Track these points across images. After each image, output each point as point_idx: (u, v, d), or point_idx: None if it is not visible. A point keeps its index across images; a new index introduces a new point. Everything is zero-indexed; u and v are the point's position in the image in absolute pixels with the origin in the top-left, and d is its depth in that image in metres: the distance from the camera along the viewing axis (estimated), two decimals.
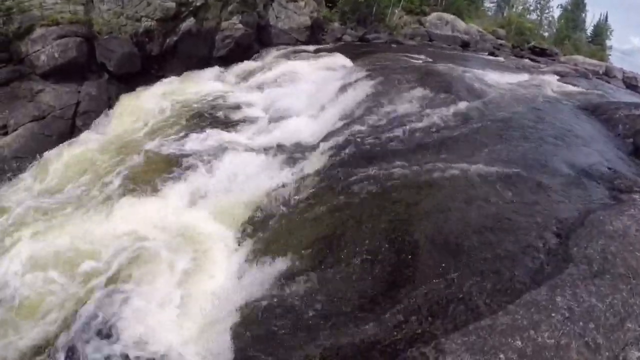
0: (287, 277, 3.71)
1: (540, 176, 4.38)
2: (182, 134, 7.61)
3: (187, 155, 6.71)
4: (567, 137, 5.73)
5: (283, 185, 5.46)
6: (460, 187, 4.27)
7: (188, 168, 6.31)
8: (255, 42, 13.61)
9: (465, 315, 2.72)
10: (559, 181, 4.33)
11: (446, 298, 2.90)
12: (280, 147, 6.76)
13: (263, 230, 4.74)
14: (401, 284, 3.21)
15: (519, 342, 2.44)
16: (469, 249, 3.33)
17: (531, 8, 40.56)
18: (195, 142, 7.21)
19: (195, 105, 9.02)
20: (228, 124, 8.09)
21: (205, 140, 7.28)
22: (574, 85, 12.66)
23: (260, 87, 10.17)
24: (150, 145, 7.25)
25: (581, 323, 2.55)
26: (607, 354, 2.43)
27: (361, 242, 3.78)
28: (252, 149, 6.83)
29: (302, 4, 15.12)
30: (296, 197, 5.10)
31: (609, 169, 4.71)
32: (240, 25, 12.63)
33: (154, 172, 6.36)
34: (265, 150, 6.72)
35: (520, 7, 40.15)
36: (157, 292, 4.07)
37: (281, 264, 3.90)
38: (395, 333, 2.78)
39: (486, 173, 4.43)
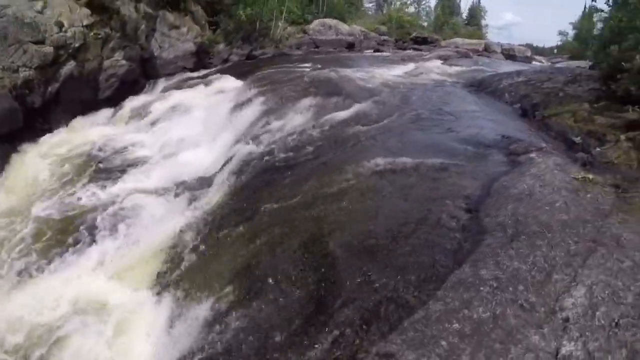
0: (216, 319, 3.83)
1: (441, 158, 4.94)
2: (74, 191, 7.56)
3: (83, 215, 6.68)
4: (459, 115, 6.58)
5: (190, 224, 5.66)
6: (366, 187, 4.67)
7: (86, 229, 6.29)
8: (141, 76, 13.98)
9: (397, 313, 2.95)
10: (459, 159, 4.93)
11: (375, 301, 3.11)
12: (180, 184, 7.01)
13: (180, 276, 4.86)
14: (328, 299, 3.39)
15: (456, 325, 2.70)
16: (386, 247, 3.62)
17: (408, 2, 47.74)
18: (89, 198, 7.24)
19: (86, 157, 9.03)
20: (122, 170, 8.16)
21: (101, 193, 7.36)
22: (458, 65, 14.53)
23: (152, 124, 10.49)
24: (40, 210, 7.06)
25: (510, 288, 2.94)
26: (542, 309, 2.82)
27: (279, 266, 3.99)
28: (151, 192, 7.02)
29: (184, 30, 15.92)
30: (205, 233, 5.31)
31: (503, 136, 5.52)
32: (123, 62, 12.84)
33: (49, 241, 6.24)
34: (165, 190, 6.96)
35: (398, 3, 47.00)
36: None
37: (206, 308, 4.04)
38: (334, 351, 2.92)
39: (389, 168, 4.90)
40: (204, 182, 6.77)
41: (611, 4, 8.45)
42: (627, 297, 2.84)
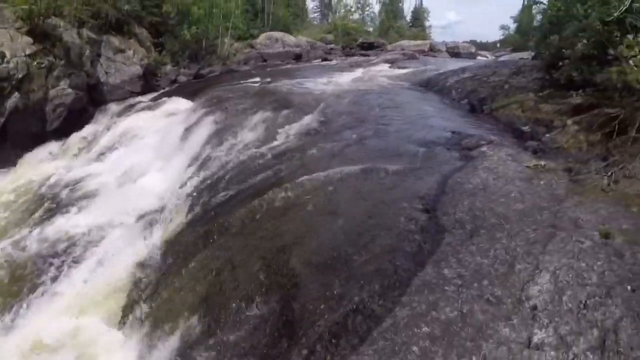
0: (185, 353, 3.80)
1: (394, 162, 5.02)
2: (23, 235, 7.13)
3: (36, 258, 6.36)
4: (409, 116, 6.73)
5: (150, 254, 5.61)
6: (321, 198, 4.69)
7: (42, 272, 6.05)
8: (89, 104, 13.66)
9: (365, 324, 2.95)
10: (413, 160, 5.03)
11: (342, 314, 3.10)
12: (137, 214, 6.92)
13: (145, 310, 4.80)
14: (295, 317, 3.36)
15: (425, 328, 2.73)
16: (347, 258, 3.62)
17: (353, 9, 49.26)
18: (42, 241, 6.83)
19: (37, 194, 8.73)
20: (75, 205, 7.87)
21: (54, 233, 6.98)
22: (405, 68, 14.90)
23: (103, 153, 10.26)
24: None
25: (475, 284, 2.99)
26: (509, 300, 2.88)
27: (242, 289, 3.95)
28: (108, 225, 6.85)
29: (130, 53, 15.79)
30: (167, 263, 5.28)
31: (454, 133, 5.68)
32: (69, 90, 12.48)
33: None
34: (122, 221, 6.83)
35: (343, 11, 48.74)
36: None
37: (175, 341, 4.00)
38: None
39: (343, 177, 4.94)
40: (161, 209, 6.72)
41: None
42: (591, 277, 2.94)
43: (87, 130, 12.29)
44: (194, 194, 6.40)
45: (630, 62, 4.13)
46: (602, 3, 5.07)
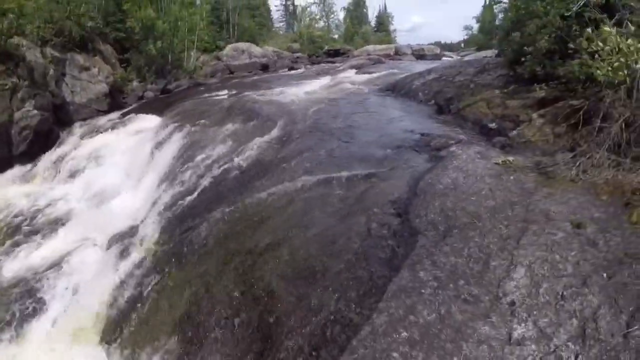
0: None
1: (365, 167, 5.09)
2: None
3: (7, 290, 6.21)
4: (378, 121, 6.83)
5: (126, 277, 5.61)
6: (294, 208, 4.74)
7: (16, 303, 5.89)
8: (55, 125, 13.39)
9: (344, 333, 2.97)
10: (383, 164, 5.09)
11: (320, 325, 3.12)
12: (110, 236, 6.84)
13: (124, 333, 4.81)
14: (274, 331, 3.37)
15: (404, 333, 2.75)
16: (322, 268, 3.63)
17: (317, 17, 50.20)
18: (8, 271, 6.71)
19: (4, 222, 8.39)
20: (45, 232, 7.74)
21: (23, 262, 6.89)
22: (371, 72, 15.12)
23: (72, 175, 10.18)
24: None
25: (451, 285, 3.02)
26: (487, 298, 2.92)
27: (219, 307, 3.98)
28: (82, 249, 6.80)
29: (95, 70, 15.73)
30: (143, 284, 5.28)
31: (422, 134, 5.78)
32: (35, 112, 12.18)
33: None
34: (96, 244, 6.79)
35: (308, 19, 49.47)
36: None
37: None
38: None
39: (314, 186, 5.00)
40: (134, 230, 6.69)
41: None
42: (566, 268, 3.01)
43: (55, 152, 12.05)
44: (167, 212, 6.41)
45: (596, 56, 4.27)
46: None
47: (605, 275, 2.87)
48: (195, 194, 6.45)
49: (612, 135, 4.34)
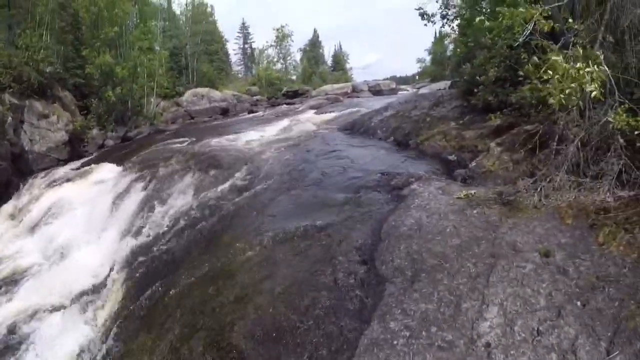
0: None
1: (327, 213, 5.04)
2: None
3: None
4: (338, 162, 6.84)
5: (88, 341, 5.44)
6: (257, 263, 4.61)
7: None
8: (14, 175, 13.10)
9: None
10: (345, 209, 5.05)
11: None
12: (71, 295, 6.61)
13: None
14: None
15: None
16: (290, 326, 3.50)
17: (275, 59, 51.26)
18: None
19: None
20: (2, 288, 7.40)
21: None
22: (330, 112, 15.33)
23: (31, 228, 9.85)
24: None
25: (424, 332, 2.93)
26: (461, 341, 2.83)
27: None
28: (40, 311, 6.47)
29: (54, 118, 15.55)
30: (107, 346, 5.09)
31: (383, 174, 5.79)
32: None
33: None
34: (54, 306, 6.49)
35: (266, 62, 50.34)
36: None
37: None
38: None
39: (277, 238, 4.90)
40: (96, 288, 6.49)
41: (456, 28, 9.61)
42: (539, 301, 2.96)
43: (14, 203, 11.83)
44: (129, 268, 6.27)
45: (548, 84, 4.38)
46: (507, 30, 5.42)
47: (579, 303, 2.84)
48: (159, 249, 6.32)
49: (569, 157, 4.42)
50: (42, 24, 19.00)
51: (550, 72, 4.12)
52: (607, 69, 4.21)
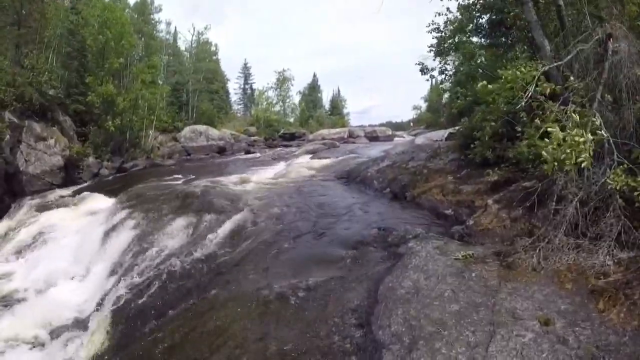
0: None
1: (322, 271, 4.95)
2: None
3: None
4: (334, 215, 6.79)
5: None
6: (251, 318, 4.48)
7: None
8: (6, 194, 13.01)
9: None
10: (340, 266, 4.97)
11: None
12: (54, 329, 6.35)
13: None
14: None
15: None
16: None
17: (274, 101, 52.15)
18: None
19: None
20: None
21: None
22: (326, 158, 15.43)
23: (18, 252, 9.70)
24: None
25: None
26: None
27: None
28: (20, 343, 6.18)
29: (52, 141, 15.61)
30: None
31: (379, 229, 5.75)
32: None
33: None
34: (38, 338, 6.21)
35: (265, 103, 50.80)
36: None
37: None
38: None
39: (270, 296, 4.76)
40: (81, 325, 6.25)
41: (452, 81, 9.84)
42: None
43: (4, 225, 11.62)
44: (116, 309, 6.03)
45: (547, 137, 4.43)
46: (508, 89, 5.49)
47: None
48: (147, 294, 6.11)
49: (568, 217, 4.40)
50: (49, 46, 19.52)
51: (547, 140, 4.18)
52: (604, 133, 4.28)
